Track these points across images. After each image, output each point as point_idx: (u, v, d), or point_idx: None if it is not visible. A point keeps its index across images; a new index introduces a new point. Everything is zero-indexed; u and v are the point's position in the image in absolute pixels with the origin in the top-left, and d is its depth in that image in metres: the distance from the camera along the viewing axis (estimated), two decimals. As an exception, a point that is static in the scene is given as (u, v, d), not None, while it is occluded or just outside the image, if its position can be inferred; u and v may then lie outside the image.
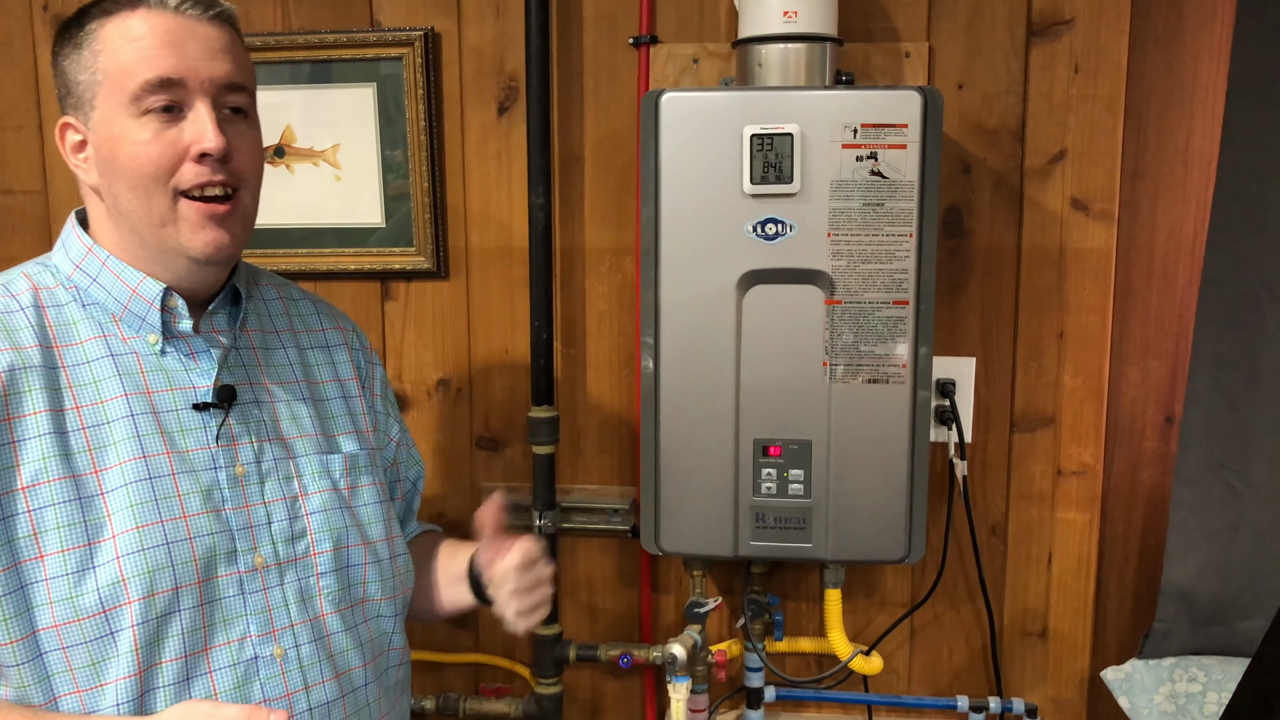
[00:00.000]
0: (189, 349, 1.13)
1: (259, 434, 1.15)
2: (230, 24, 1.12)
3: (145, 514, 1.05)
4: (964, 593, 1.85)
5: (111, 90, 1.06)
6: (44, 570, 1.01)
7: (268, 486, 1.14)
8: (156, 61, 1.05)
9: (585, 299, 1.87)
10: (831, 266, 1.56)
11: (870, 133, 1.52)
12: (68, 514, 1.03)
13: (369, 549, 1.22)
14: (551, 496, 1.84)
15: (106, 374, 1.08)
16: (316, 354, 1.28)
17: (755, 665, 1.84)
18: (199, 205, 1.08)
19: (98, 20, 1.08)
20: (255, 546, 1.12)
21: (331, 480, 1.20)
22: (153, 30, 1.05)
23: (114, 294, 1.11)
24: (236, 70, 1.10)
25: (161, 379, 1.11)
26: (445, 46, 1.84)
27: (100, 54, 1.06)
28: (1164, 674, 1.70)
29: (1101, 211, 1.73)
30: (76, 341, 1.09)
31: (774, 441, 1.61)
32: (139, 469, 1.06)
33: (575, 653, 1.86)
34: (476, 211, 1.88)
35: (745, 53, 1.63)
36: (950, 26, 1.73)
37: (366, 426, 1.29)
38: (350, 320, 1.37)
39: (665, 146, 1.56)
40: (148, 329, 1.11)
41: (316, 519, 1.17)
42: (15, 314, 1.08)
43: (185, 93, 1.06)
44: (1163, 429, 1.78)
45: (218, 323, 1.17)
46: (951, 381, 1.78)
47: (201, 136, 1.06)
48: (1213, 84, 1.70)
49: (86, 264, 1.12)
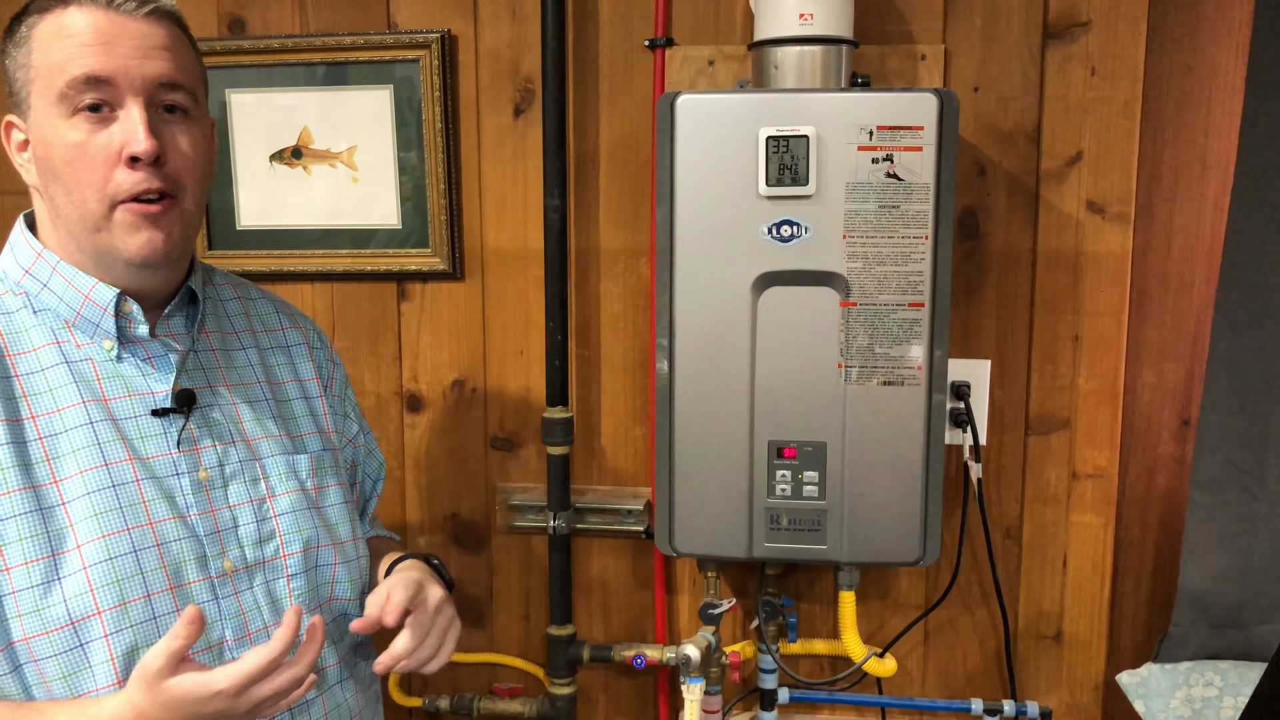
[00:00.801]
0: (146, 354, 1.11)
1: (221, 437, 1.13)
2: (170, 20, 1.07)
3: (110, 522, 1.03)
4: (978, 595, 1.84)
5: (43, 89, 1.03)
6: (10, 583, 0.99)
7: (232, 490, 1.12)
8: (84, 59, 1.01)
9: (600, 300, 1.87)
10: (847, 268, 1.56)
11: (886, 135, 1.52)
12: (29, 525, 1.00)
13: (338, 549, 1.21)
14: (566, 497, 1.84)
15: (62, 381, 1.06)
16: (277, 354, 1.26)
17: (769, 667, 1.84)
18: (131, 205, 1.04)
19: (35, 16, 1.05)
20: (224, 551, 1.10)
21: (299, 481, 1.19)
22: (83, 27, 1.02)
23: (66, 300, 1.08)
24: (173, 68, 1.05)
25: (119, 385, 1.08)
26: (462, 49, 1.84)
27: (33, 51, 1.04)
28: (1180, 678, 1.69)
29: (1118, 214, 1.73)
30: (29, 349, 1.06)
31: (789, 443, 1.61)
32: (101, 477, 1.04)
33: (589, 653, 1.87)
34: (492, 213, 1.88)
35: (761, 55, 1.63)
36: (966, 29, 1.73)
37: (328, 427, 1.27)
38: (310, 319, 1.36)
39: (681, 148, 1.57)
40: (102, 335, 1.09)
41: (285, 520, 1.16)
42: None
43: (116, 92, 1.02)
44: (1179, 432, 1.78)
45: (174, 325, 1.15)
46: (966, 384, 1.78)
47: (131, 138, 1.02)
48: (1231, 86, 1.69)
49: (36, 269, 1.08)
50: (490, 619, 1.99)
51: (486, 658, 1.99)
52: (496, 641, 2.00)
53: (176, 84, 1.06)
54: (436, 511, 1.98)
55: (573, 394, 1.88)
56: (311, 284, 1.93)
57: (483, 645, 2.00)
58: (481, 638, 2.00)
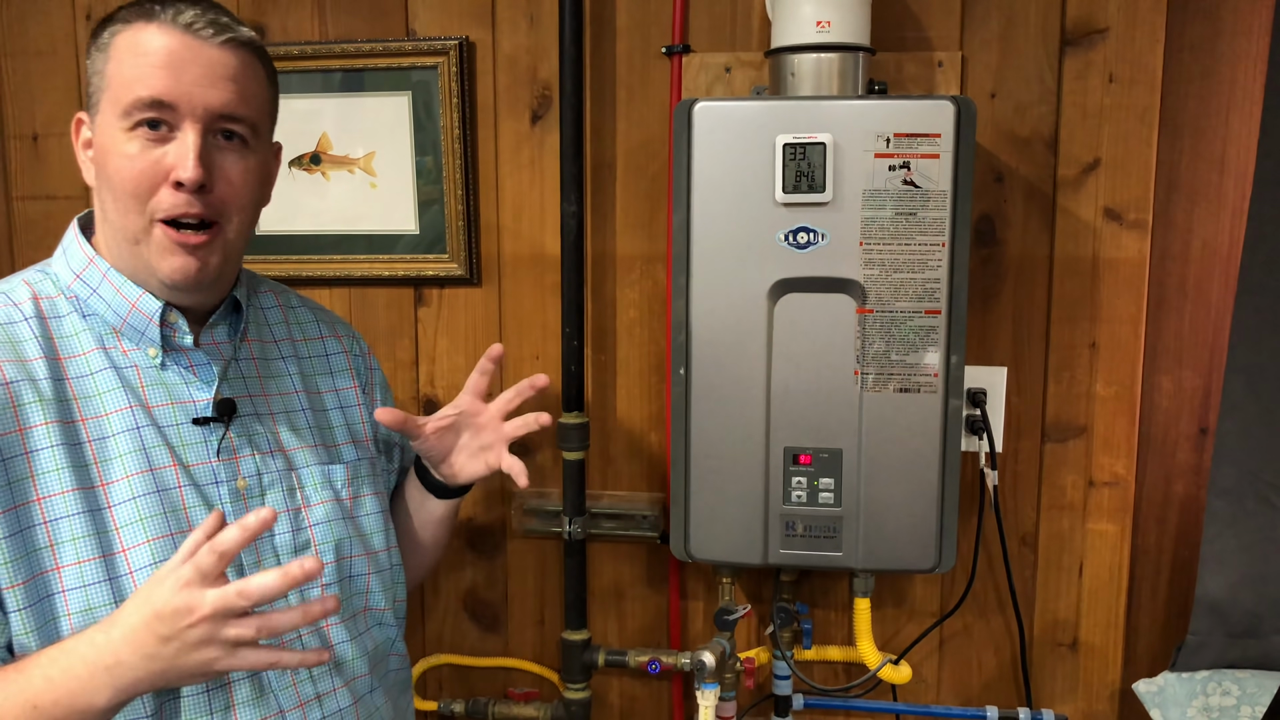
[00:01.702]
0: (189, 362, 1.12)
1: (260, 446, 1.15)
2: (247, 49, 1.09)
3: (155, 527, 1.04)
4: (994, 603, 1.84)
5: (110, 99, 1.05)
6: (61, 582, 1.01)
7: (269, 499, 1.14)
8: (151, 80, 1.03)
9: (616, 306, 1.88)
10: (863, 275, 1.56)
11: (903, 142, 1.52)
12: (82, 526, 1.02)
13: (371, 559, 1.22)
14: (581, 502, 1.84)
15: (109, 386, 1.07)
16: (315, 363, 1.28)
17: (783, 673, 1.84)
18: (170, 231, 1.06)
19: (119, 25, 1.07)
20: (259, 560, 1.11)
21: (334, 490, 1.20)
22: (157, 48, 1.04)
23: (114, 307, 1.09)
24: (235, 99, 1.07)
25: (161, 393, 1.10)
26: (480, 55, 1.85)
27: (110, 60, 1.06)
28: (1197, 687, 1.69)
29: (1135, 221, 1.73)
30: (79, 353, 1.08)
31: (804, 450, 1.61)
32: (146, 482, 1.06)
33: (604, 658, 1.87)
34: (509, 219, 1.89)
35: (778, 62, 1.63)
36: (984, 35, 1.73)
37: (365, 435, 1.29)
38: (348, 326, 1.38)
39: (697, 155, 1.57)
40: (147, 342, 1.10)
41: (319, 530, 1.17)
42: (19, 324, 1.06)
43: (176, 115, 1.04)
44: (1196, 440, 1.77)
45: (218, 335, 1.16)
46: (983, 391, 1.77)
47: (180, 164, 1.04)
48: (1249, 93, 1.68)
49: (87, 275, 1.10)
50: (505, 623, 2.00)
51: (501, 662, 1.99)
52: (511, 646, 2.00)
53: (236, 116, 1.07)
54: (452, 516, 1.98)
55: (588, 399, 1.89)
56: (329, 289, 1.94)
57: (497, 649, 2.00)
58: (496, 642, 2.00)
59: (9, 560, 0.99)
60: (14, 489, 1.00)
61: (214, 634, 0.91)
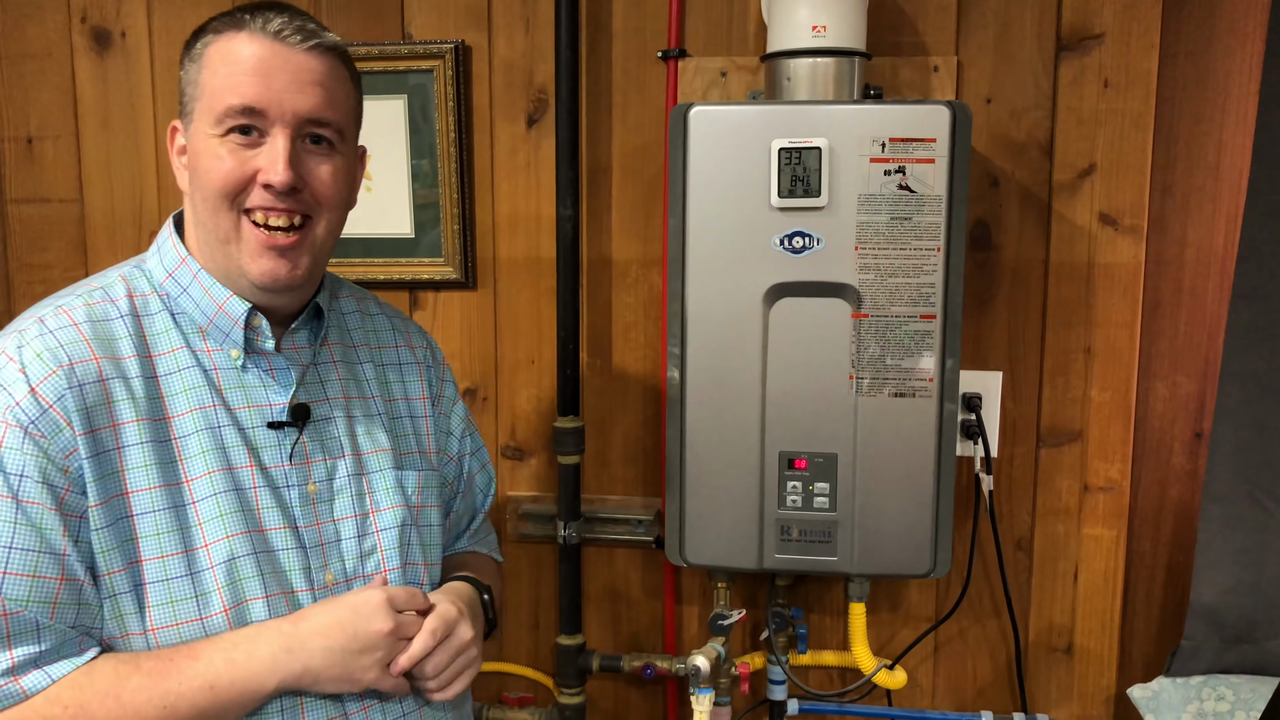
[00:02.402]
0: (269, 365, 1.14)
1: (332, 451, 1.16)
2: (333, 54, 1.12)
3: (233, 524, 1.07)
4: (989, 608, 1.84)
5: (204, 107, 1.08)
6: (144, 574, 1.04)
7: (338, 504, 1.15)
8: (243, 88, 1.06)
9: (612, 310, 1.88)
10: (859, 280, 1.56)
11: (898, 147, 1.53)
12: (167, 521, 1.05)
13: (428, 569, 1.23)
14: (576, 507, 1.84)
15: (194, 384, 1.10)
16: (389, 371, 1.29)
17: (778, 678, 1.83)
18: (260, 233, 1.08)
19: (211, 36, 1.10)
20: (326, 564, 1.13)
21: (405, 497, 1.21)
22: (247, 56, 1.06)
23: (202, 307, 1.12)
24: (324, 104, 1.09)
25: (240, 395, 1.12)
26: (476, 59, 1.85)
27: (203, 70, 1.08)
28: (1192, 692, 1.69)
29: (1130, 226, 1.73)
30: (167, 350, 1.10)
31: (799, 454, 1.61)
32: (226, 480, 1.08)
33: (599, 663, 1.87)
34: (505, 222, 1.89)
35: (774, 67, 1.63)
36: (979, 41, 1.73)
37: (430, 447, 1.29)
38: (424, 335, 1.38)
39: (693, 159, 1.57)
40: (230, 344, 1.12)
41: (386, 536, 1.18)
42: (114, 322, 1.09)
43: (266, 121, 1.07)
44: (1191, 445, 1.77)
45: (299, 340, 1.18)
46: (978, 396, 1.77)
47: (271, 168, 1.06)
48: (1244, 98, 1.69)
49: (179, 274, 1.13)
50: (500, 628, 1.99)
51: (496, 666, 1.99)
52: (506, 650, 2.00)
53: (324, 120, 1.10)
54: (447, 520, 1.98)
55: (584, 403, 1.88)
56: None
57: (492, 654, 2.00)
58: (491, 646, 2.00)
59: (107, 548, 1.02)
60: (107, 482, 1.03)
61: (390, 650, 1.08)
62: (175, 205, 1.97)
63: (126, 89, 1.96)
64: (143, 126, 1.96)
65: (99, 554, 1.02)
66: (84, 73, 1.96)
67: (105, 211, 1.99)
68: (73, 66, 1.96)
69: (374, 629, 1.06)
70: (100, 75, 1.96)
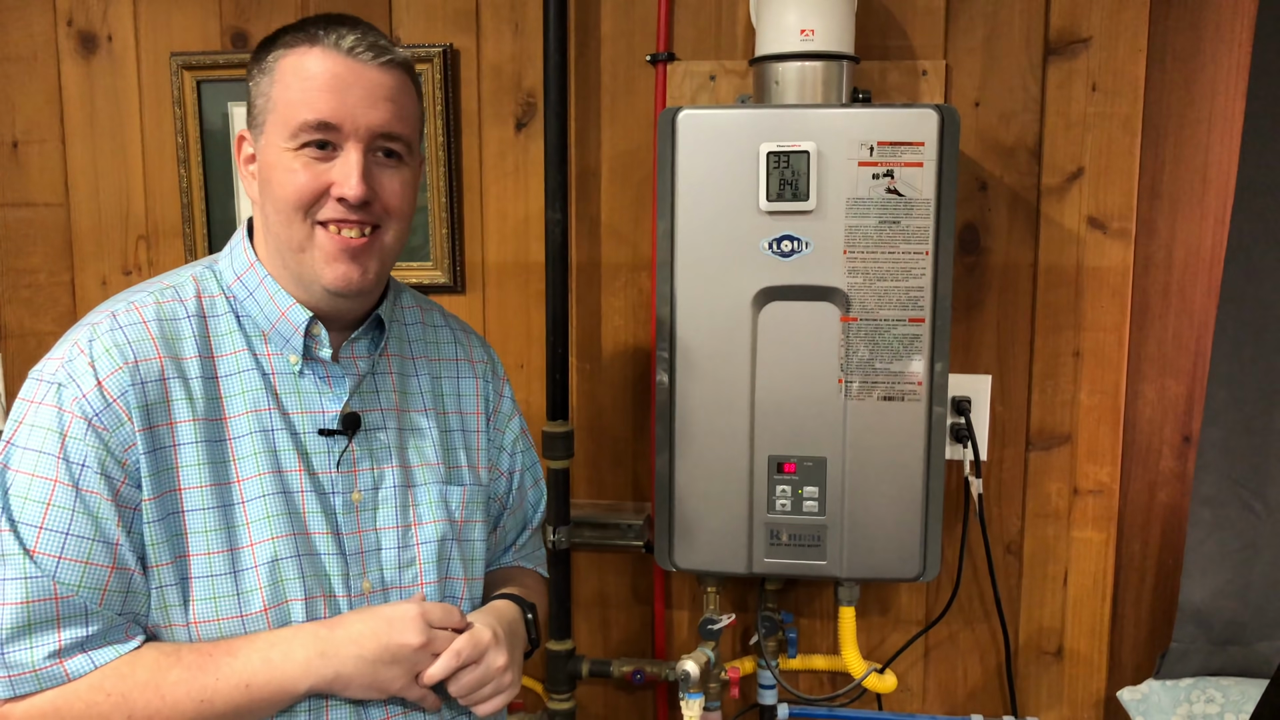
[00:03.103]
0: (325, 373, 1.16)
1: (380, 461, 1.17)
2: (402, 69, 1.14)
3: (279, 526, 1.09)
4: (979, 611, 1.84)
5: (277, 120, 1.09)
6: (190, 569, 1.06)
7: (381, 514, 1.16)
8: (318, 104, 1.07)
9: (601, 314, 1.87)
10: (847, 284, 1.56)
11: (887, 150, 1.53)
12: (215, 519, 1.07)
13: (468, 584, 1.23)
14: (566, 512, 1.84)
15: (252, 386, 1.12)
16: (446, 384, 1.29)
17: (768, 682, 1.83)
18: (334, 238, 1.10)
19: (282, 50, 1.11)
20: (364, 572, 1.14)
21: (448, 511, 1.21)
22: (321, 71, 1.08)
23: (266, 312, 1.14)
24: (395, 119, 1.11)
25: (296, 400, 1.14)
26: (464, 63, 1.85)
27: (275, 84, 1.10)
28: (1181, 695, 1.69)
29: (1119, 230, 1.73)
30: (229, 352, 1.12)
31: (789, 458, 1.61)
32: (275, 482, 1.10)
33: (588, 668, 1.86)
34: (493, 226, 1.88)
35: (762, 70, 1.63)
36: (967, 44, 1.73)
37: (480, 462, 1.29)
38: (485, 347, 1.37)
39: (682, 163, 1.57)
40: (290, 349, 1.14)
41: (427, 549, 1.18)
42: (181, 322, 1.11)
43: (340, 135, 1.08)
44: (1180, 448, 1.78)
45: (358, 349, 1.19)
46: (967, 399, 1.77)
47: (345, 182, 1.08)
48: (1231, 101, 1.69)
49: (247, 278, 1.15)
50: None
51: (485, 672, 1.98)
52: (495, 656, 1.99)
53: (394, 134, 1.12)
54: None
55: (573, 408, 1.88)
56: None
57: (482, 659, 1.99)
58: (480, 652, 1.99)
59: (157, 541, 1.05)
60: (160, 478, 1.06)
61: (419, 664, 1.10)
62: (162, 209, 1.97)
63: (113, 93, 1.95)
64: (129, 130, 1.95)
65: (149, 546, 1.05)
66: (70, 76, 1.95)
67: (91, 216, 1.98)
68: (58, 70, 1.95)
69: (405, 641, 1.08)
70: (86, 79, 1.95)
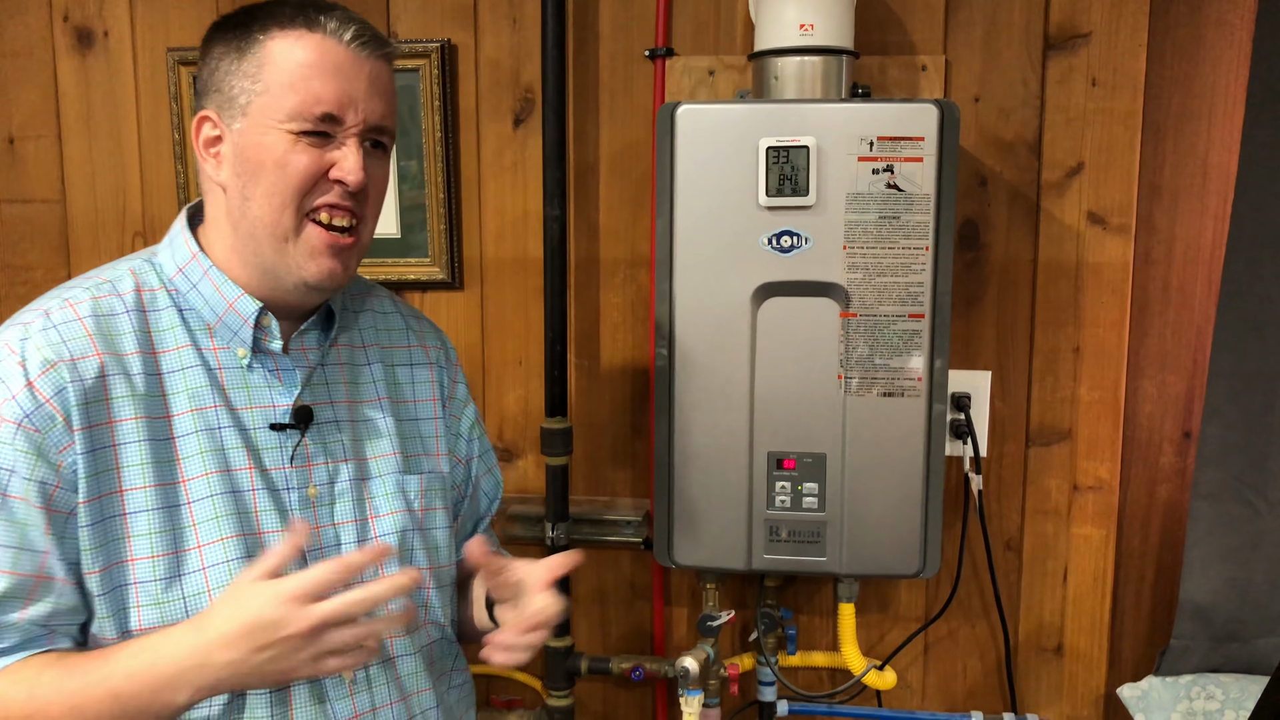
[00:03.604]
0: (275, 365, 1.13)
1: (334, 455, 1.15)
2: (391, 61, 1.12)
3: (229, 527, 1.06)
4: (979, 608, 1.84)
5: (270, 104, 1.05)
6: (134, 574, 1.03)
7: (338, 508, 1.14)
8: (324, 94, 1.05)
9: (600, 310, 1.87)
10: (847, 279, 1.55)
11: (886, 145, 1.52)
12: (159, 521, 1.04)
13: (434, 573, 1.21)
14: (564, 508, 1.83)
15: (198, 384, 1.08)
16: (400, 372, 1.27)
17: (768, 679, 1.83)
18: (324, 234, 1.08)
19: (273, 28, 1.06)
20: None
21: (406, 501, 1.19)
22: (324, 60, 1.05)
23: (211, 304, 1.10)
24: (388, 111, 1.10)
25: (244, 395, 1.11)
26: (462, 58, 1.84)
27: (265, 67, 1.05)
28: (1181, 692, 1.69)
29: (1119, 225, 1.73)
30: (172, 348, 1.09)
31: (788, 454, 1.60)
32: (223, 482, 1.07)
33: (587, 665, 1.86)
34: (491, 222, 1.88)
35: (761, 65, 1.63)
36: (967, 39, 1.73)
37: (439, 449, 1.27)
38: (439, 335, 1.35)
39: (681, 158, 1.57)
40: (238, 343, 1.11)
41: (386, 541, 1.16)
42: (119, 317, 1.07)
43: (340, 126, 1.07)
44: (1180, 444, 1.77)
45: (308, 341, 1.17)
46: (967, 395, 1.77)
47: (346, 172, 1.06)
48: (1232, 97, 1.69)
49: (189, 269, 1.11)
50: (488, 630, 1.98)
51: (484, 669, 1.98)
52: (494, 653, 1.98)
53: (385, 127, 1.11)
54: (434, 522, 1.97)
55: (572, 404, 1.87)
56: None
57: (480, 656, 1.98)
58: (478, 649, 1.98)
59: (90, 547, 1.01)
60: (100, 479, 1.02)
61: (311, 647, 0.95)
62: (159, 205, 1.96)
63: (109, 89, 1.94)
64: (126, 126, 1.95)
65: (83, 552, 1.01)
66: (66, 72, 1.95)
67: (88, 212, 1.98)
68: (55, 66, 1.95)
69: (285, 634, 0.95)
70: (83, 75, 1.94)
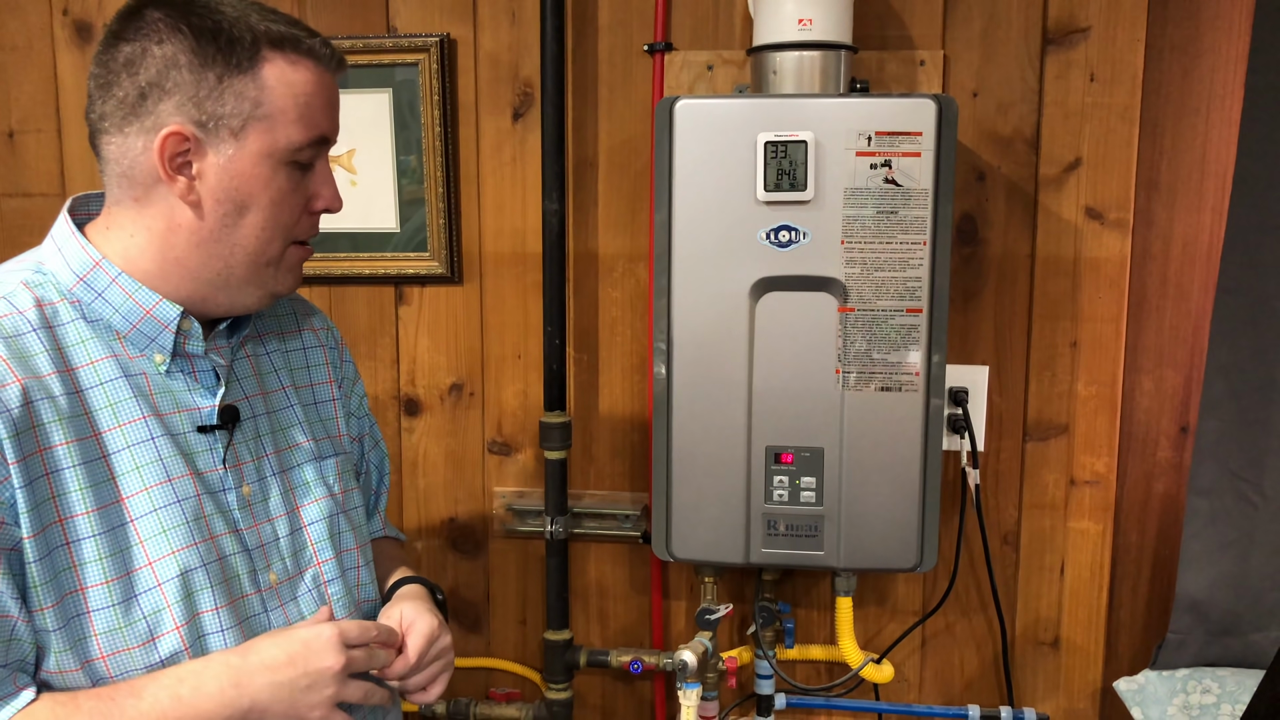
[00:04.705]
0: (192, 368, 1.10)
1: (257, 451, 1.14)
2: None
3: (178, 538, 1.03)
4: (976, 601, 1.84)
5: (268, 130, 1.03)
6: (86, 603, 0.99)
7: (271, 503, 1.13)
8: (324, 126, 1.07)
9: (598, 304, 1.87)
10: (845, 274, 1.56)
11: (884, 140, 1.52)
12: (105, 545, 1.00)
13: (361, 551, 1.22)
14: (563, 502, 1.84)
15: (123, 396, 1.04)
16: (295, 356, 1.25)
17: (766, 672, 1.83)
18: (300, 250, 1.12)
19: (268, 49, 1.03)
20: (269, 564, 1.11)
21: (327, 487, 1.19)
22: (321, 89, 1.06)
23: (122, 312, 1.05)
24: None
25: (169, 401, 1.07)
26: (461, 53, 1.84)
27: (265, 88, 1.02)
28: (1177, 685, 1.69)
29: (1116, 220, 1.73)
30: (88, 362, 1.04)
31: (786, 449, 1.61)
32: (166, 493, 1.04)
33: (586, 658, 1.86)
34: (490, 217, 1.88)
35: (760, 60, 1.63)
36: (965, 34, 1.73)
37: (340, 430, 1.27)
38: (320, 316, 1.34)
39: (679, 153, 1.57)
40: (155, 349, 1.07)
41: (315, 529, 1.16)
42: (27, 336, 1.01)
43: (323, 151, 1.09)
44: (1177, 439, 1.78)
45: (219, 340, 1.14)
46: (964, 390, 1.77)
47: (333, 200, 1.10)
48: (1229, 92, 1.69)
49: (92, 278, 1.05)
50: (487, 623, 1.99)
51: (483, 662, 1.98)
52: (493, 646, 1.99)
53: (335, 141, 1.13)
54: (434, 515, 1.97)
55: (570, 398, 1.88)
56: (309, 288, 1.93)
57: (479, 650, 1.99)
58: (478, 642, 1.99)
59: (40, 583, 0.97)
60: (41, 511, 0.97)
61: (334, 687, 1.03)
62: (158, 200, 1.96)
63: (109, 82, 1.94)
64: (125, 120, 1.95)
65: (32, 588, 0.97)
66: (66, 66, 1.95)
67: (88, 206, 1.98)
68: (54, 59, 1.95)
69: (323, 665, 1.02)
70: (82, 68, 1.94)
